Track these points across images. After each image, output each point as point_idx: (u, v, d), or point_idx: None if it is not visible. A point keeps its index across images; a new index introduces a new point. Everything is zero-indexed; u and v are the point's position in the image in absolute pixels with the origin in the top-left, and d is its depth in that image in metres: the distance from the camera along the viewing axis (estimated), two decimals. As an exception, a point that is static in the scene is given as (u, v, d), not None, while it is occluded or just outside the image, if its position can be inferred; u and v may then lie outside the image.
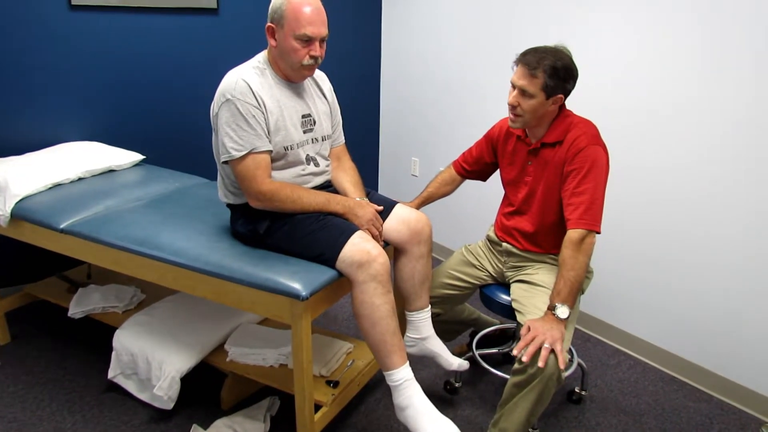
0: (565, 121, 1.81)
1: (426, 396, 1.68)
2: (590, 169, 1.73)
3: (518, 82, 1.74)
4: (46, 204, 2.11)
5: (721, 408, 2.18)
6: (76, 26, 2.55)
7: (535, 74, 1.70)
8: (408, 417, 1.65)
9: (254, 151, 1.66)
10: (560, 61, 1.70)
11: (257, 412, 2.00)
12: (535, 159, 1.87)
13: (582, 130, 1.78)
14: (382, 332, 1.64)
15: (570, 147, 1.77)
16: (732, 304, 2.15)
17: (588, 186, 1.72)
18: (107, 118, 2.73)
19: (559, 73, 1.70)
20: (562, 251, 1.71)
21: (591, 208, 1.71)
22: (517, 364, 1.65)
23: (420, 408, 1.64)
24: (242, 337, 2.08)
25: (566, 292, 1.67)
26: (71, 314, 2.30)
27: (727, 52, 2.01)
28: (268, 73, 1.73)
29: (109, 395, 2.13)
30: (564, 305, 1.66)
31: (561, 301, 1.66)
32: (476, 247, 2.12)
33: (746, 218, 2.06)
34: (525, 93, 1.73)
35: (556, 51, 1.73)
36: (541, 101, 1.74)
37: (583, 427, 2.06)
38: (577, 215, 1.72)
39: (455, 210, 3.23)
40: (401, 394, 1.66)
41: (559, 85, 1.72)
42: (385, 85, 3.66)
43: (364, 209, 1.75)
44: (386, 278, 1.64)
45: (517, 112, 1.78)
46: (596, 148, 1.75)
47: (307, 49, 1.67)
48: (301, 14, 1.62)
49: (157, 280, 1.86)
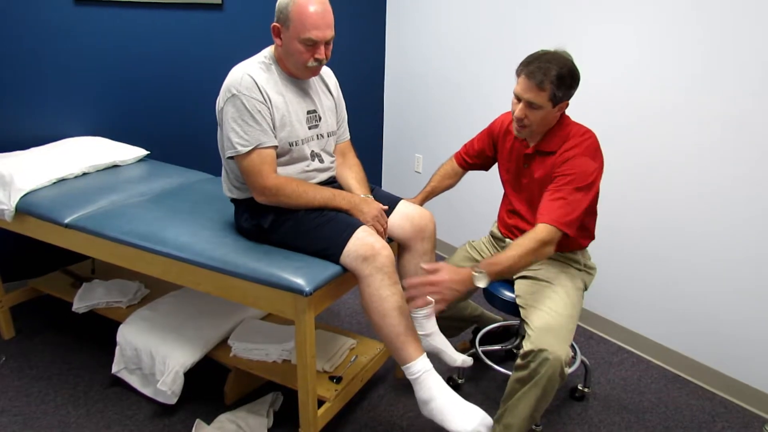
0: (564, 131, 1.78)
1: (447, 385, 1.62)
2: (575, 176, 1.68)
3: (525, 96, 1.69)
4: (50, 199, 2.12)
5: (724, 406, 2.18)
6: (81, 21, 2.55)
7: (543, 87, 1.65)
8: (433, 410, 1.59)
9: (260, 146, 1.66)
10: (565, 68, 1.66)
11: (260, 407, 2.00)
12: (531, 164, 1.85)
13: (577, 141, 1.74)
14: (394, 324, 1.62)
15: (560, 156, 1.74)
16: (736, 302, 2.14)
17: (568, 191, 1.67)
18: (111, 114, 2.74)
19: (566, 82, 1.66)
20: (524, 240, 1.62)
21: (568, 213, 1.65)
22: (520, 360, 1.65)
23: (444, 399, 1.59)
24: (245, 333, 2.09)
25: (501, 266, 1.58)
26: (75, 309, 2.31)
27: (729, 51, 2.00)
28: (274, 69, 1.73)
29: (113, 390, 2.14)
30: (487, 277, 1.57)
31: (489, 271, 1.57)
32: (480, 243, 2.11)
33: (750, 216, 2.05)
34: (533, 105, 1.69)
35: (558, 57, 1.68)
36: (549, 110, 1.71)
37: (585, 424, 2.06)
38: (551, 213, 1.65)
39: (458, 206, 3.23)
40: (422, 386, 1.61)
41: (566, 94, 1.69)
42: (389, 81, 3.66)
43: (369, 206, 1.75)
44: (392, 270, 1.63)
45: (524, 124, 1.75)
46: (584, 159, 1.70)
47: (311, 52, 1.65)
48: (306, 17, 1.60)
49: (161, 275, 1.87)
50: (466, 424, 1.54)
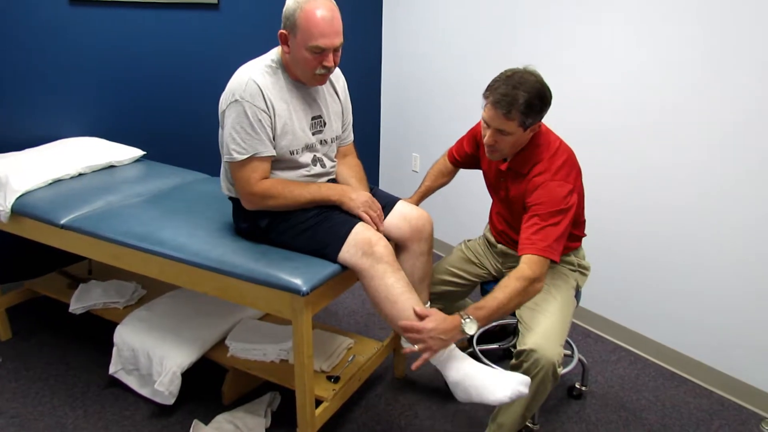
0: (534, 152, 1.72)
1: (474, 360, 1.57)
2: (544, 201, 1.65)
3: (492, 124, 1.64)
4: (46, 199, 2.11)
5: (721, 404, 2.19)
6: (76, 21, 2.54)
7: (511, 116, 1.59)
8: (469, 389, 1.53)
9: (256, 155, 1.65)
10: (533, 92, 1.58)
11: (258, 407, 2.00)
12: (506, 180, 1.83)
13: (546, 165, 1.69)
14: (406, 308, 1.59)
15: (531, 182, 1.70)
16: (731, 301, 2.15)
17: (544, 218, 1.64)
18: (107, 114, 2.73)
19: (534, 108, 1.60)
20: (510, 281, 1.57)
21: (548, 239, 1.62)
22: (514, 360, 1.65)
23: (474, 374, 1.54)
24: (243, 333, 2.09)
25: (489, 311, 1.54)
26: (72, 310, 2.30)
27: (729, 52, 2.00)
28: (280, 74, 1.69)
29: (111, 391, 2.14)
30: (476, 323, 1.53)
31: (477, 316, 1.54)
32: (476, 244, 2.11)
33: (746, 216, 2.06)
34: (502, 132, 1.64)
35: (526, 81, 1.59)
36: (519, 135, 1.65)
37: (583, 422, 2.07)
38: (534, 245, 1.61)
39: (454, 205, 3.23)
40: (450, 367, 1.57)
41: (535, 118, 1.63)
42: (386, 81, 3.65)
43: (357, 192, 1.73)
44: (393, 259, 1.63)
45: (495, 149, 1.70)
46: (553, 185, 1.66)
47: (319, 60, 1.62)
48: (313, 25, 1.57)
49: (158, 275, 1.86)
50: (504, 390, 1.51)
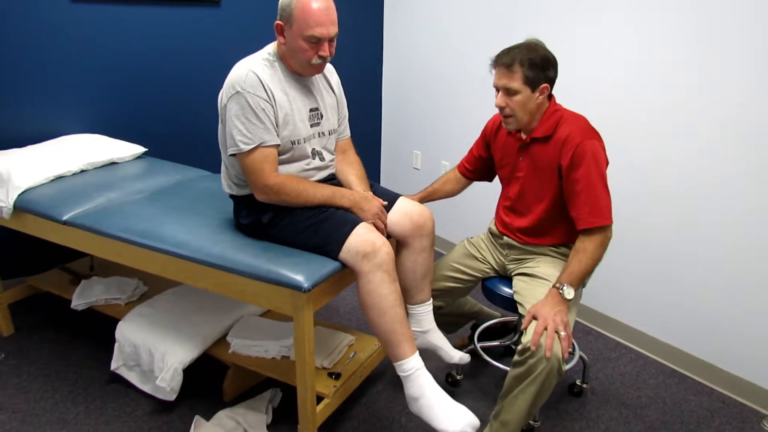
0: (555, 116, 1.80)
1: (437, 384, 1.65)
2: (589, 164, 1.71)
3: (500, 83, 1.76)
4: (48, 196, 2.11)
5: (722, 401, 2.19)
6: (78, 18, 2.54)
7: (513, 69, 1.71)
8: (422, 407, 1.62)
9: (263, 144, 1.65)
10: (534, 52, 1.72)
11: (259, 404, 2.01)
12: (526, 155, 1.86)
13: (573, 125, 1.77)
14: (391, 321, 1.63)
15: (564, 144, 1.75)
16: (733, 298, 2.15)
17: (590, 181, 1.71)
18: (109, 111, 2.73)
19: (537, 64, 1.71)
20: (581, 243, 1.72)
21: (597, 204, 1.71)
22: (518, 356, 1.65)
23: (433, 397, 1.62)
24: (244, 329, 2.09)
25: (577, 273, 1.69)
26: (74, 306, 2.31)
27: (730, 49, 2.00)
28: (277, 66, 1.72)
29: (112, 387, 2.14)
30: (571, 287, 1.67)
31: (569, 282, 1.68)
32: (478, 239, 2.12)
33: (748, 211, 2.05)
34: (509, 91, 1.74)
35: (528, 44, 1.75)
36: (528, 95, 1.74)
37: (584, 419, 2.07)
38: (586, 213, 1.71)
39: (457, 203, 3.22)
40: (413, 383, 1.64)
41: (540, 75, 1.72)
42: (387, 77, 3.65)
43: (369, 203, 1.75)
44: (392, 267, 1.64)
45: (507, 113, 1.78)
46: (591, 142, 1.73)
47: (315, 49, 1.65)
48: (309, 15, 1.60)
49: (159, 272, 1.87)
50: (454, 424, 1.57)
